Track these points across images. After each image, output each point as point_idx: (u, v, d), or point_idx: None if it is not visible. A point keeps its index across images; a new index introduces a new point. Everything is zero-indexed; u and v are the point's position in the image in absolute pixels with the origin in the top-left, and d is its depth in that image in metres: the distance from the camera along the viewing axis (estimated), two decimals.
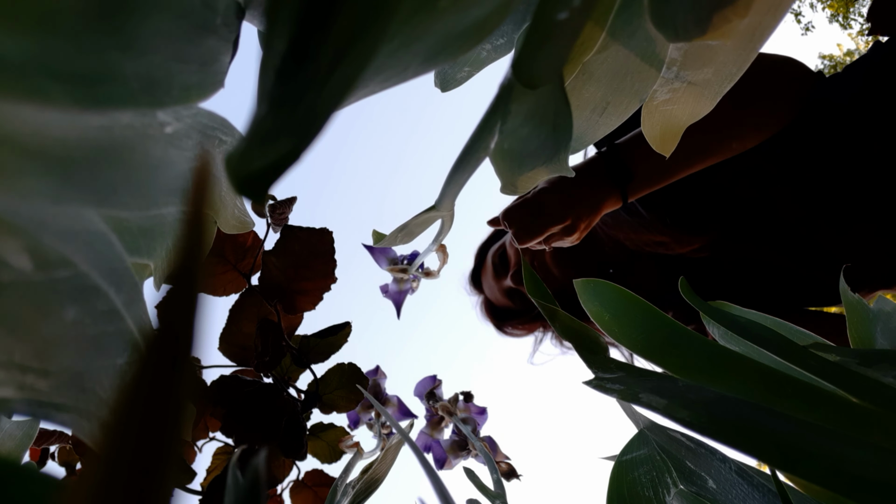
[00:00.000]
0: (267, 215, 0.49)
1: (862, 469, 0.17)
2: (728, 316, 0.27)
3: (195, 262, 0.09)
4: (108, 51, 0.15)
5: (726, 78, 0.26)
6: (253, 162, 0.11)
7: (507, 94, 0.21)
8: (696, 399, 0.20)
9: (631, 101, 0.28)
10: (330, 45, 0.12)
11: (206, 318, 0.09)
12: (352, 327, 0.52)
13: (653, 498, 0.26)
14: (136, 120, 0.18)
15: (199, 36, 0.17)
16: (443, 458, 0.57)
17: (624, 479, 0.28)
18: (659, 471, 0.27)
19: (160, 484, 0.07)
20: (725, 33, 0.23)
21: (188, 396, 0.08)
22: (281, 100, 0.12)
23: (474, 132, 0.22)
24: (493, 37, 0.27)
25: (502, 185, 0.29)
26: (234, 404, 0.45)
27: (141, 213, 0.20)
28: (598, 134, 0.29)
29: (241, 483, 0.19)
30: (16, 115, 0.15)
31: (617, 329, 0.27)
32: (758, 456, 0.18)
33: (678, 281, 0.29)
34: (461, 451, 0.57)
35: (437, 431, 0.59)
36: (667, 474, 0.27)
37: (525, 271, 0.30)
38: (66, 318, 0.17)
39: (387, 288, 0.59)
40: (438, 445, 0.58)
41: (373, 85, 0.18)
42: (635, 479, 0.27)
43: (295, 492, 0.54)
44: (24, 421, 0.29)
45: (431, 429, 0.59)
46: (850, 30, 7.10)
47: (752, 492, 0.23)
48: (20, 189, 0.16)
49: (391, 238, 0.38)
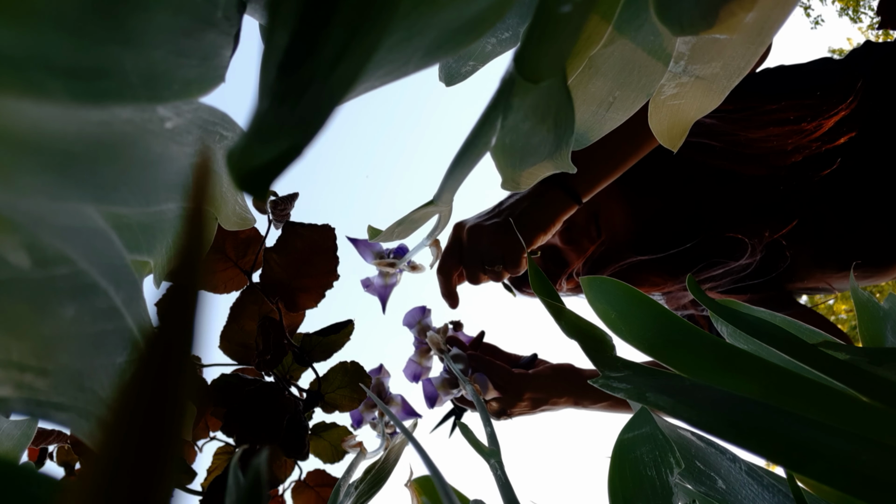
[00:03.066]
0: (268, 211, 0.49)
1: (872, 469, 0.17)
2: (736, 314, 0.26)
3: (196, 260, 0.09)
4: (108, 45, 0.15)
5: (735, 72, 0.26)
6: (254, 158, 0.11)
7: (508, 88, 0.20)
8: (703, 398, 0.19)
9: (638, 95, 0.28)
10: (332, 40, 0.12)
11: (207, 316, 0.09)
12: (354, 325, 0.52)
13: (655, 478, 0.26)
14: (135, 115, 0.18)
15: (199, 30, 0.17)
16: (434, 395, 0.58)
17: (626, 457, 0.27)
18: (661, 450, 0.27)
19: (160, 484, 0.07)
20: (732, 27, 0.23)
21: (188, 395, 0.08)
22: (283, 95, 0.12)
23: (475, 127, 0.22)
24: (498, 30, 0.27)
25: (503, 180, 0.29)
26: (235, 403, 0.45)
27: (141, 210, 0.20)
28: (605, 129, 0.29)
29: (242, 483, 0.19)
30: (13, 109, 0.15)
31: (624, 327, 0.27)
32: (766, 455, 0.18)
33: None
34: (451, 388, 0.57)
35: (425, 359, 0.59)
36: (669, 453, 0.26)
37: (530, 269, 0.30)
38: (65, 316, 0.17)
39: (369, 282, 0.58)
40: (430, 383, 0.58)
41: (374, 79, 0.18)
42: (637, 457, 0.27)
43: (297, 492, 0.54)
44: (22, 420, 0.29)
45: (420, 356, 0.59)
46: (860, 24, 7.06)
47: (763, 492, 0.22)
48: (18, 185, 0.16)
49: (388, 233, 0.37)
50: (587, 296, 0.29)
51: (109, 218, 0.20)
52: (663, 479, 0.26)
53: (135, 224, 0.21)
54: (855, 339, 1.23)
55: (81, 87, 0.15)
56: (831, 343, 0.23)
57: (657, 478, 0.26)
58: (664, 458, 0.26)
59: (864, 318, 0.29)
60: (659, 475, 0.26)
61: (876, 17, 4.10)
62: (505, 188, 0.29)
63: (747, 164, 0.72)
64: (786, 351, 0.22)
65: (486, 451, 0.32)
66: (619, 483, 0.26)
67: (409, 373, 0.60)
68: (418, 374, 0.60)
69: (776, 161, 0.71)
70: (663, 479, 0.26)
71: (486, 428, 0.35)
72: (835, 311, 5.82)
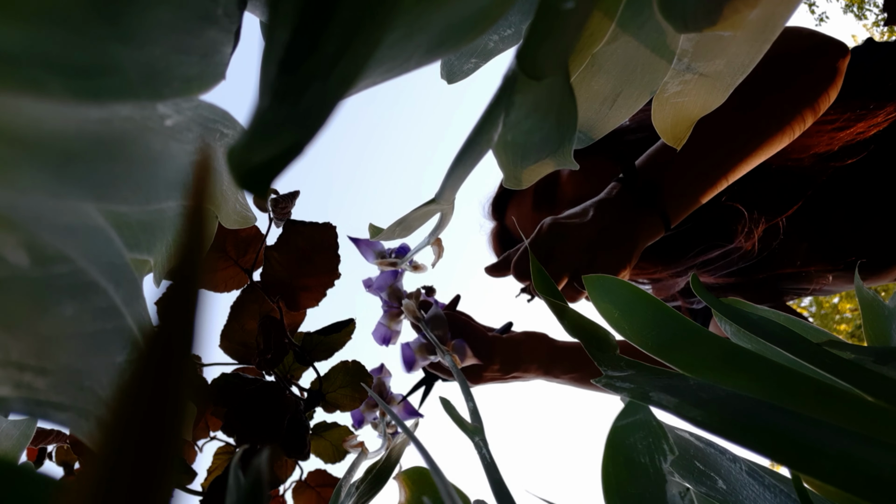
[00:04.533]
0: (269, 210, 0.49)
1: (878, 469, 0.17)
2: (740, 313, 0.26)
3: (196, 258, 0.09)
4: (107, 42, 0.15)
5: (739, 69, 0.26)
6: (255, 155, 0.11)
7: (511, 85, 0.20)
8: (707, 398, 0.19)
9: (641, 93, 0.27)
10: (333, 37, 0.12)
11: (207, 315, 0.08)
12: (356, 324, 0.52)
13: (649, 465, 0.26)
14: (135, 112, 0.18)
15: (199, 27, 0.17)
16: (411, 360, 0.57)
17: (620, 445, 0.27)
18: (655, 437, 0.27)
19: (160, 484, 0.07)
20: (736, 24, 0.23)
21: (188, 395, 0.08)
22: (283, 92, 0.12)
23: (477, 124, 0.22)
24: (501, 27, 0.27)
25: (505, 178, 0.28)
26: (235, 403, 0.45)
27: (140, 208, 0.20)
28: (608, 127, 0.29)
29: (243, 483, 0.19)
30: (12, 107, 0.15)
31: (627, 326, 0.27)
32: (771, 456, 0.18)
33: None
34: (429, 353, 0.57)
35: (395, 323, 0.59)
36: (663, 440, 0.26)
37: (532, 266, 0.30)
38: (64, 315, 0.17)
39: (371, 282, 0.58)
40: (408, 347, 0.57)
41: (375, 76, 0.18)
42: (631, 445, 0.27)
43: (298, 492, 0.54)
44: (21, 420, 0.29)
45: (389, 320, 0.59)
46: (866, 20, 7.02)
47: (764, 492, 0.22)
48: (17, 183, 0.16)
49: (389, 232, 0.37)
50: (590, 294, 0.29)
51: (109, 216, 0.20)
52: (657, 467, 0.25)
53: (134, 222, 0.21)
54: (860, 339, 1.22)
55: (81, 85, 0.15)
56: (836, 342, 0.23)
57: (650, 465, 0.26)
58: (657, 445, 0.26)
59: (869, 316, 0.29)
60: (652, 462, 0.26)
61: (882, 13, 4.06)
62: (507, 185, 0.29)
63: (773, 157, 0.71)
64: (790, 350, 0.22)
65: (469, 429, 0.31)
66: (613, 471, 0.26)
67: (379, 336, 0.59)
68: (388, 337, 0.59)
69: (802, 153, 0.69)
70: (657, 467, 0.25)
71: (468, 403, 0.34)
72: (839, 309, 5.81)
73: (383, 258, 0.56)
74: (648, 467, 0.25)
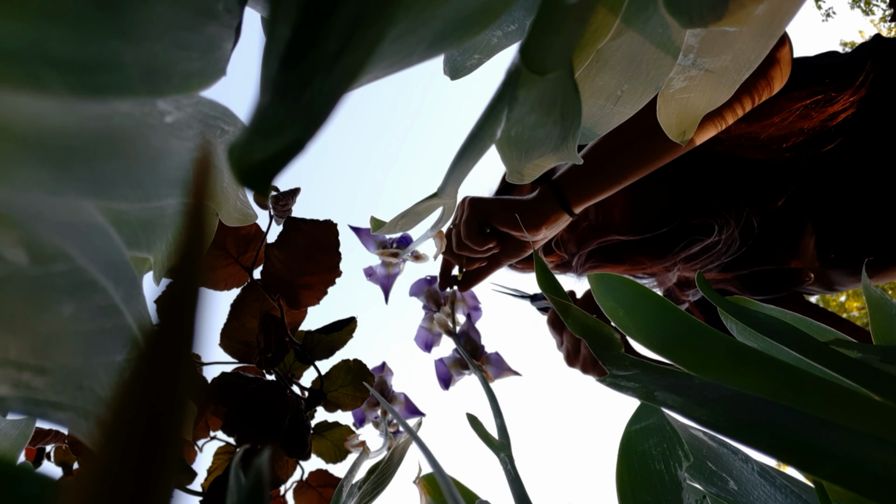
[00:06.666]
0: (270, 207, 0.49)
1: (885, 469, 0.17)
2: (746, 311, 0.26)
3: (196, 256, 0.09)
4: (107, 38, 0.15)
5: (745, 65, 0.26)
6: (256, 152, 0.11)
7: (514, 80, 0.20)
8: (713, 397, 0.19)
9: (646, 89, 0.27)
10: (335, 32, 0.12)
11: (207, 314, 0.08)
12: (357, 322, 0.52)
13: (664, 471, 0.25)
14: (135, 109, 0.18)
15: (200, 23, 0.17)
16: (447, 377, 0.57)
17: (634, 451, 0.27)
18: (669, 442, 0.26)
19: (160, 484, 0.07)
20: (742, 19, 0.23)
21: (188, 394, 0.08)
22: (285, 88, 0.12)
23: (480, 119, 0.22)
24: (504, 23, 0.26)
25: (508, 172, 0.28)
26: (235, 402, 0.45)
27: (140, 206, 0.19)
28: (613, 123, 0.29)
29: (244, 483, 0.19)
30: (11, 103, 0.15)
31: (632, 325, 0.27)
32: (776, 455, 0.18)
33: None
34: (464, 368, 0.57)
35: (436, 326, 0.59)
36: (678, 446, 0.26)
37: (536, 265, 0.30)
38: (63, 314, 0.17)
39: (371, 271, 0.58)
40: (442, 364, 0.58)
41: (377, 71, 0.18)
42: (646, 451, 0.27)
43: (299, 493, 0.54)
44: (19, 419, 0.29)
45: (430, 323, 0.59)
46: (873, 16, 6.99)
47: (775, 493, 0.22)
48: (15, 180, 0.16)
49: (391, 225, 0.37)
50: (595, 293, 0.28)
51: (108, 214, 0.19)
52: (672, 474, 0.25)
53: (134, 220, 0.21)
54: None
55: (80, 81, 0.15)
56: (843, 341, 0.22)
57: (665, 472, 0.25)
58: (672, 451, 0.26)
59: (876, 315, 0.29)
60: (668, 469, 0.25)
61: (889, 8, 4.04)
62: (510, 180, 0.29)
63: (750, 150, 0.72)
64: (797, 349, 0.22)
65: (496, 445, 0.31)
66: (628, 478, 0.26)
67: (421, 341, 0.59)
68: (430, 342, 0.59)
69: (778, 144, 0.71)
70: (672, 474, 0.25)
71: (497, 419, 0.34)
72: (846, 308, 5.80)
73: (385, 248, 0.56)
74: (664, 474, 0.25)
